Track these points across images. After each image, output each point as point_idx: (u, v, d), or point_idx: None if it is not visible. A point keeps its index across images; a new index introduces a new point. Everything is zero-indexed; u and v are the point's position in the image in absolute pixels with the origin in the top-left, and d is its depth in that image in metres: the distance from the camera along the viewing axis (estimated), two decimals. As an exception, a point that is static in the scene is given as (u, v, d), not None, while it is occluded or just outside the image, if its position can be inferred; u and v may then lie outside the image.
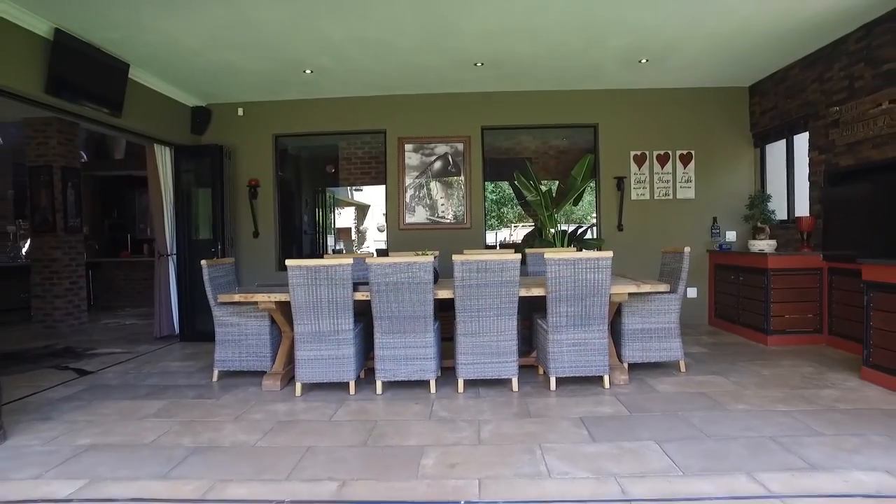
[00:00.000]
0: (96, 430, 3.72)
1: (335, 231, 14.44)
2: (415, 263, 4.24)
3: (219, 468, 3.05)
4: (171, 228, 7.17)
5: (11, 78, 4.48)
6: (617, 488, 2.67)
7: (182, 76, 6.38)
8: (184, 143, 7.19)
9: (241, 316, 4.92)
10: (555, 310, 4.26)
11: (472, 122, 7.09)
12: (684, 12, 4.78)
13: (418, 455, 3.15)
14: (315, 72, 6.23)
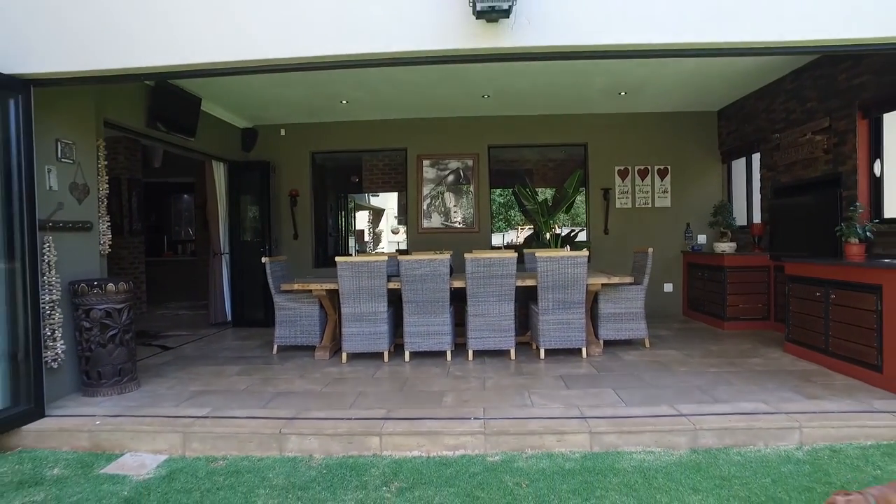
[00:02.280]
0: (200, 382, 5.02)
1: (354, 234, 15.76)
2: (435, 260, 5.52)
3: (298, 403, 4.32)
4: (224, 231, 8.48)
5: (125, 117, 5.81)
6: (577, 412, 3.93)
7: (238, 105, 7.70)
8: (235, 159, 8.50)
9: (296, 301, 6.20)
10: (544, 296, 5.53)
11: (480, 141, 8.36)
12: (648, 60, 6.02)
13: (440, 396, 4.42)
14: (349, 102, 7.52)
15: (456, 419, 3.86)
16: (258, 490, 3.19)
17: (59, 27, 3.97)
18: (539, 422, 3.77)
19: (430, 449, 3.66)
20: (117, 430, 3.92)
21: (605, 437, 3.64)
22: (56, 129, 4.62)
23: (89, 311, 4.62)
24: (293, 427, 3.82)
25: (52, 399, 4.34)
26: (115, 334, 4.70)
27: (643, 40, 3.66)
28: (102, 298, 4.64)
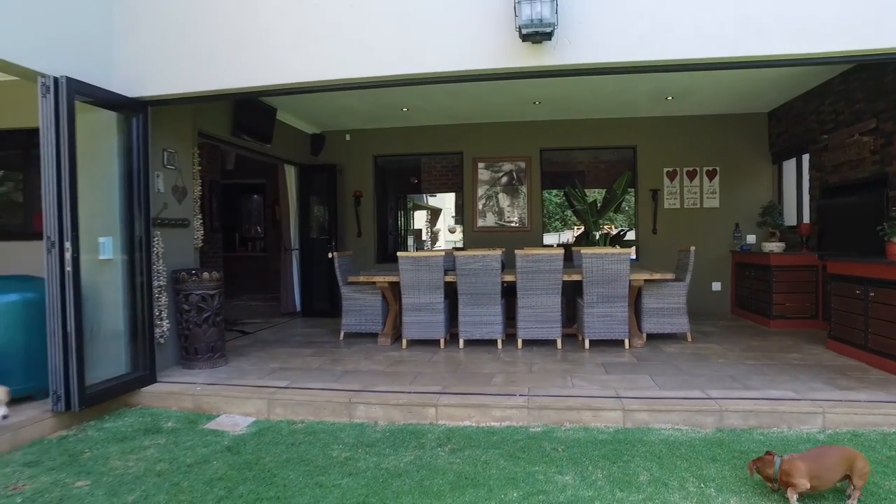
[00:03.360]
0: (278, 361, 5.71)
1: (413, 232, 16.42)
2: (488, 255, 6.03)
3: (365, 380, 4.92)
4: (294, 229, 9.26)
5: (215, 128, 6.60)
6: (614, 392, 4.34)
7: (309, 113, 8.44)
8: (305, 163, 9.27)
9: (361, 293, 6.82)
10: (588, 290, 5.93)
11: (533, 144, 8.79)
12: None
13: (490, 377, 4.93)
14: (409, 109, 8.12)
15: (503, 395, 4.36)
16: (333, 446, 3.78)
17: (168, 59, 4.72)
18: (577, 399, 4.21)
19: (479, 420, 4.17)
20: (214, 395, 4.63)
21: (637, 414, 4.05)
22: (163, 140, 5.40)
23: (188, 296, 5.38)
24: (361, 398, 4.42)
25: (160, 369, 5.11)
26: (208, 316, 5.45)
27: (674, 56, 4.03)
28: (198, 285, 5.40)
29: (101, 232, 4.66)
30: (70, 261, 4.09)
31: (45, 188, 4.09)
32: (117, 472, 3.40)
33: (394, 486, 3.12)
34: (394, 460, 3.50)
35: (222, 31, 4.63)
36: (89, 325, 4.39)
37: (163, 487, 3.17)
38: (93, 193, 4.50)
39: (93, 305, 4.47)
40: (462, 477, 3.23)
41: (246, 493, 3.08)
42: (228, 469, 3.41)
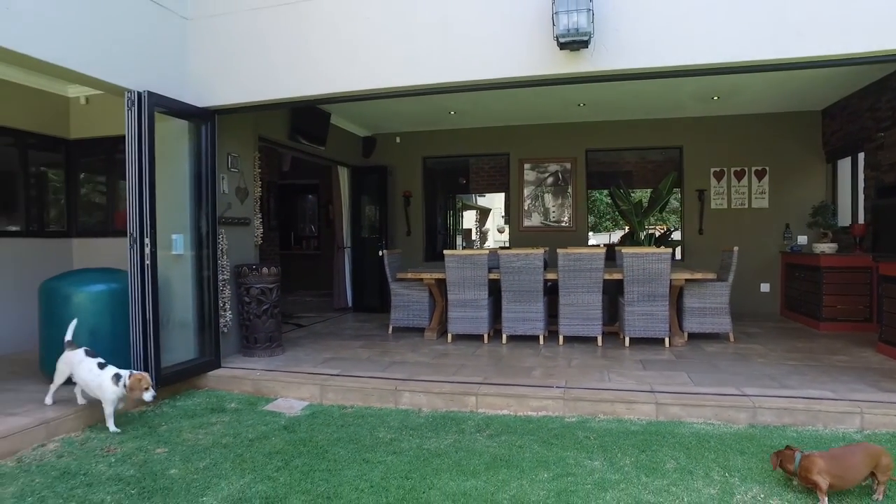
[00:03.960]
0: (330, 351, 6.09)
1: (462, 231, 16.72)
2: (530, 254, 6.23)
3: (410, 370, 5.22)
4: (347, 228, 9.69)
5: (273, 132, 7.06)
6: (648, 387, 4.48)
7: (361, 117, 8.84)
8: (356, 165, 9.68)
9: (409, 289, 7.14)
10: (629, 289, 6.05)
11: (578, 145, 8.91)
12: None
13: (530, 370, 5.14)
14: (456, 113, 8.39)
15: (541, 386, 4.57)
16: (379, 428, 4.10)
17: (233, 73, 5.16)
18: (612, 392, 4.38)
19: (517, 409, 4.40)
20: (272, 380, 5.03)
21: (670, 408, 4.18)
22: (227, 145, 5.85)
23: (249, 289, 5.83)
24: (406, 386, 4.72)
25: (223, 356, 5.56)
26: (267, 308, 5.88)
27: (711, 60, 4.14)
28: (258, 279, 5.83)
29: (174, 229, 5.13)
30: (149, 255, 4.57)
31: (129, 190, 4.57)
32: (189, 442, 3.81)
33: (433, 464, 3.39)
34: (435, 442, 3.78)
35: (279, 46, 5.02)
36: (163, 314, 4.86)
37: (228, 457, 3.55)
38: (167, 194, 4.96)
39: (166, 296, 4.94)
40: (497, 458, 3.47)
41: (301, 465, 3.42)
42: (285, 445, 3.77)
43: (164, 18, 4.99)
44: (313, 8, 4.94)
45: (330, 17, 4.91)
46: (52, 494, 3.04)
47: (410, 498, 2.96)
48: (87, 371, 3.95)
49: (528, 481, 3.14)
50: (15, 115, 6.30)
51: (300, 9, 4.97)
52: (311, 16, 4.95)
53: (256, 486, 3.13)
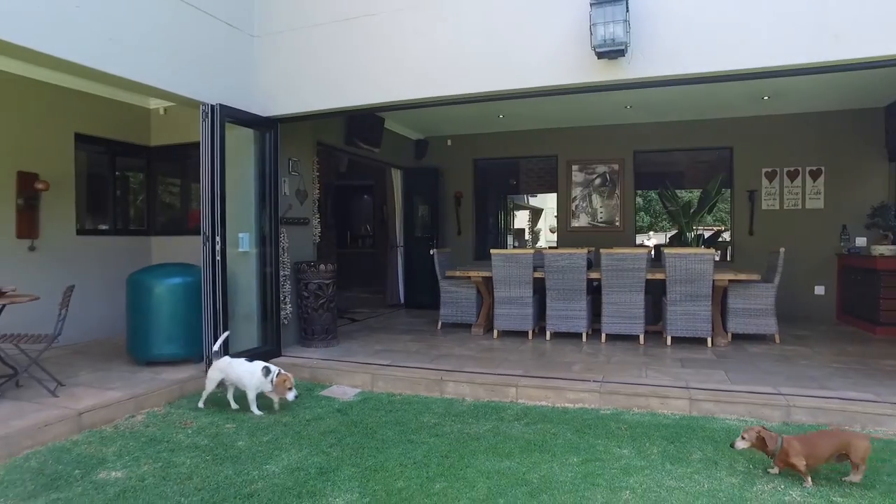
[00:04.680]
0: (382, 344, 6.48)
1: (513, 231, 16.91)
2: (574, 254, 6.43)
3: (456, 362, 5.52)
4: (400, 227, 10.10)
5: (331, 138, 7.53)
6: (684, 383, 4.62)
7: (413, 121, 9.22)
8: (409, 166, 10.07)
9: (457, 286, 7.45)
10: (671, 289, 6.15)
11: (626, 146, 8.98)
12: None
13: (570, 365, 5.35)
14: (505, 116, 8.64)
15: (578, 380, 4.79)
16: (425, 413, 4.42)
17: (294, 85, 5.62)
18: (647, 387, 4.55)
19: (555, 400, 4.64)
20: (327, 369, 5.45)
21: (703, 404, 4.32)
22: (289, 150, 6.33)
23: (307, 285, 6.28)
24: (451, 376, 5.03)
25: (284, 346, 6.03)
26: (323, 303, 6.32)
27: (748, 66, 4.24)
28: (316, 275, 6.28)
29: (241, 228, 5.63)
30: (219, 252, 5.07)
31: (202, 193, 5.08)
32: (254, 420, 4.25)
33: (471, 447, 3.69)
34: (475, 428, 4.07)
35: (336, 60, 5.43)
36: (231, 305, 5.36)
37: (288, 434, 3.96)
38: (234, 196, 5.45)
39: (233, 289, 5.44)
40: (531, 443, 3.73)
41: (351, 442, 3.79)
42: (338, 425, 4.15)
43: (234, 37, 5.49)
44: (366, 23, 5.32)
45: (381, 32, 5.27)
46: (143, 455, 3.52)
47: (448, 474, 3.27)
48: (239, 366, 4.41)
49: (558, 464, 3.39)
50: (106, 126, 7.00)
51: (354, 25, 5.36)
52: (364, 31, 5.33)
53: (312, 458, 3.52)
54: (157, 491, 3.06)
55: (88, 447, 3.68)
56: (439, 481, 3.17)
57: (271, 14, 5.72)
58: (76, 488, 3.09)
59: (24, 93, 6.09)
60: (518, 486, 3.09)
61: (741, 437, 3.25)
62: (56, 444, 3.72)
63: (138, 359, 5.33)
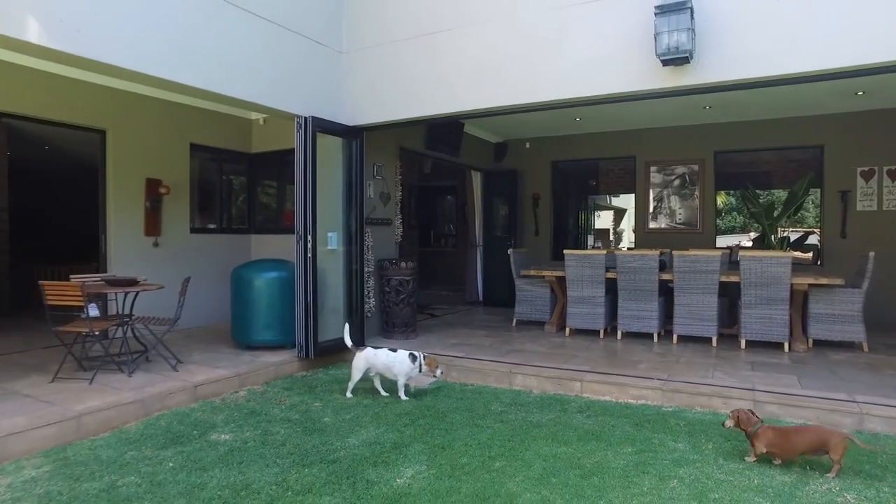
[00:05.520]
0: (457, 338, 6.85)
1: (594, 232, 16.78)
2: (646, 255, 6.51)
3: (526, 357, 5.79)
4: (479, 227, 10.45)
5: (412, 143, 8.00)
6: (750, 386, 4.65)
7: (492, 126, 9.53)
8: (489, 169, 10.40)
9: (532, 285, 7.70)
10: (746, 292, 6.10)
11: (706, 147, 8.83)
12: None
13: (637, 363, 5.49)
14: (582, 119, 8.76)
15: (643, 377, 4.94)
16: (493, 402, 4.75)
17: (378, 97, 6.12)
18: (710, 388, 4.63)
19: (618, 396, 4.82)
20: (406, 359, 5.88)
21: (767, 406, 4.34)
22: (373, 156, 6.84)
23: (389, 281, 6.77)
24: (520, 369, 5.33)
25: (367, 336, 6.55)
26: (404, 298, 6.79)
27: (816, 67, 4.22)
28: (397, 272, 6.76)
29: (329, 228, 6.19)
30: (311, 250, 5.64)
31: (296, 196, 5.68)
32: (338, 401, 4.76)
33: (533, 433, 3.97)
34: (538, 417, 4.35)
35: (417, 72, 5.86)
36: (320, 298, 5.92)
37: (367, 414, 4.42)
38: (324, 198, 6.01)
39: (322, 284, 6.00)
40: (589, 433, 3.96)
41: (423, 424, 4.18)
42: (413, 409, 4.56)
43: (324, 55, 6.06)
44: (444, 38, 5.71)
45: (458, 45, 5.64)
46: (246, 424, 4.11)
47: (508, 454, 3.58)
48: (385, 356, 4.89)
49: (612, 452, 3.61)
50: (215, 136, 7.86)
51: (433, 39, 5.76)
52: (441, 45, 5.73)
53: (388, 435, 3.94)
54: (258, 452, 3.60)
55: (202, 414, 4.32)
56: (499, 460, 3.49)
57: (357, 32, 6.24)
58: (195, 444, 3.70)
59: (151, 110, 6.99)
60: (571, 469, 3.35)
61: (728, 416, 3.62)
62: (178, 409, 4.40)
63: (240, 343, 6.02)
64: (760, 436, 3.43)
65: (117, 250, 6.70)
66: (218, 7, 4.88)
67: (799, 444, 3.36)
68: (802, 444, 3.35)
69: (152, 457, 3.53)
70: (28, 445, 3.55)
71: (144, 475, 3.26)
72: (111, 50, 4.08)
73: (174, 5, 4.51)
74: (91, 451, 3.61)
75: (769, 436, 3.41)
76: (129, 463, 3.43)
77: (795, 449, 3.37)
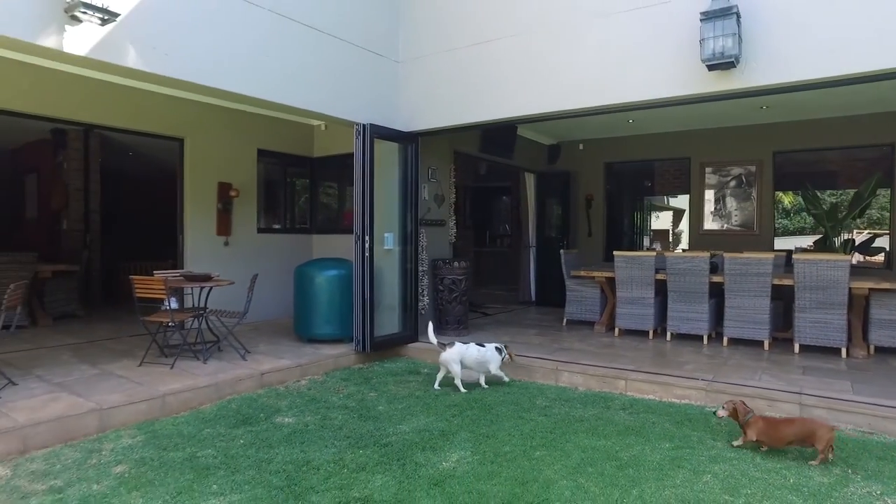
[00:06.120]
0: (508, 336, 7.05)
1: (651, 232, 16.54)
2: (696, 257, 6.52)
3: (573, 356, 5.93)
4: (533, 228, 10.60)
5: (466, 147, 8.26)
6: (797, 389, 4.65)
7: (546, 128, 9.66)
8: (542, 170, 10.53)
9: (582, 285, 7.81)
10: (800, 295, 6.02)
11: (764, 147, 8.65)
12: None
13: (683, 364, 5.54)
14: (635, 121, 8.78)
15: (687, 378, 5.01)
16: (538, 397, 4.94)
17: (431, 104, 6.40)
18: (754, 389, 4.65)
19: (661, 395, 4.91)
20: (457, 354, 6.15)
21: (814, 410, 4.33)
22: (428, 160, 7.14)
23: (442, 280, 7.06)
24: (566, 367, 5.49)
25: (420, 333, 6.85)
26: (456, 296, 7.05)
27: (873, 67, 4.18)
28: (451, 271, 7.03)
29: (386, 229, 6.53)
30: (368, 249, 5.99)
31: (355, 198, 6.05)
32: (392, 392, 5.07)
33: (574, 427, 4.15)
34: (581, 412, 4.52)
35: (469, 79, 6.11)
36: (377, 295, 6.27)
37: (418, 404, 4.71)
38: (381, 201, 6.35)
39: (379, 282, 6.34)
40: (629, 429, 4.11)
41: (471, 414, 4.43)
42: (461, 401, 4.82)
43: (381, 65, 6.40)
44: (496, 47, 5.93)
45: (511, 53, 5.84)
46: (307, 409, 4.48)
47: (549, 445, 3.78)
48: (476, 351, 5.25)
49: (650, 447, 3.75)
50: (279, 141, 8.38)
51: (485, 49, 5.99)
52: (493, 53, 5.95)
53: (436, 423, 4.22)
54: (318, 434, 3.95)
55: (268, 399, 4.73)
56: (540, 450, 3.70)
57: (413, 42, 6.55)
58: (262, 425, 4.10)
59: (223, 119, 7.56)
60: (608, 461, 3.52)
61: (722, 407, 3.84)
62: (246, 394, 4.84)
63: (302, 336, 6.44)
64: (752, 424, 3.68)
65: (192, 248, 7.30)
66: (282, 24, 5.27)
67: (787, 433, 3.62)
68: (790, 434, 3.61)
69: (225, 434, 3.94)
70: (124, 418, 4.06)
71: (219, 449, 3.67)
72: (192, 69, 4.55)
73: (244, 27, 4.94)
74: (174, 426, 4.07)
75: (760, 425, 3.67)
76: (206, 438, 3.85)
77: (784, 438, 3.62)
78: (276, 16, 5.20)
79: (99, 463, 3.44)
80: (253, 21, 5.01)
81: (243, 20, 4.92)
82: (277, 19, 5.23)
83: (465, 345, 5.22)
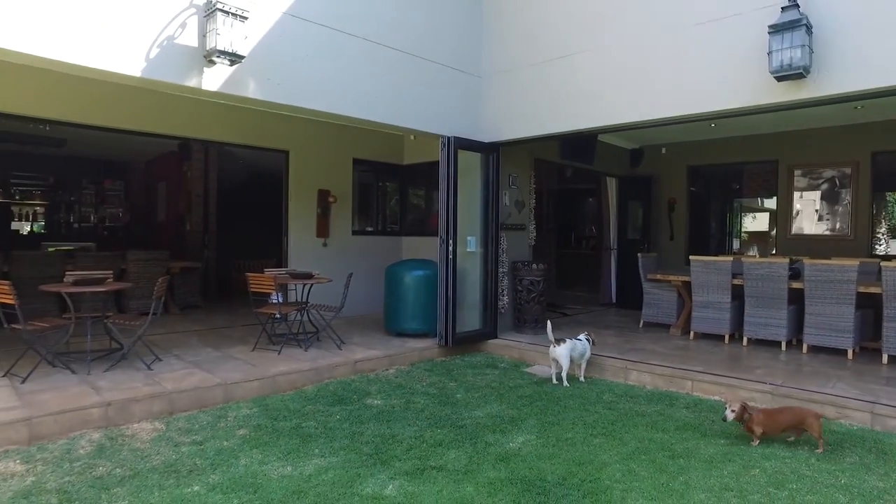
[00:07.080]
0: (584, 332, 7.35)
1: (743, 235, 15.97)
2: (774, 263, 6.52)
3: (644, 356, 6.15)
4: (614, 231, 10.74)
5: (547, 154, 8.61)
6: (872, 398, 4.65)
7: (629, 134, 9.77)
8: (624, 175, 10.64)
9: (659, 289, 7.94)
10: (888, 304, 5.89)
11: (861, 147, 8.33)
12: None
13: (754, 368, 5.63)
14: (717, 125, 8.73)
15: (754, 381, 5.14)
16: (605, 393, 5.27)
17: (512, 116, 6.84)
18: (825, 396, 4.71)
19: (726, 397, 5.06)
20: (533, 351, 6.57)
21: (889, 420, 4.35)
22: (508, 168, 7.58)
23: (521, 281, 7.47)
24: (635, 366, 5.76)
25: (499, 330, 7.32)
26: (534, 297, 7.45)
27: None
28: (529, 273, 7.43)
29: (468, 233, 7.04)
30: (452, 252, 6.54)
31: (440, 204, 6.61)
32: (470, 382, 5.58)
33: (635, 420, 4.46)
34: (644, 408, 4.80)
35: (548, 92, 6.49)
36: (459, 294, 6.80)
37: (493, 394, 5.18)
38: (464, 206, 6.86)
39: (461, 282, 6.87)
40: (688, 424, 4.36)
41: (539, 405, 4.85)
42: (532, 392, 5.24)
43: (465, 81, 6.92)
44: (576, 61, 6.26)
45: (588, 67, 6.16)
46: (393, 394, 5.10)
47: (609, 434, 4.13)
48: (581, 345, 5.77)
49: (704, 442, 4.00)
50: (373, 151, 9.14)
51: (566, 62, 6.34)
52: (573, 67, 6.29)
53: (507, 411, 4.67)
54: (402, 415, 4.53)
55: (360, 384, 5.39)
56: (599, 438, 4.06)
57: (494, 58, 7.02)
58: (355, 405, 4.74)
59: (322, 132, 8.38)
60: (662, 451, 3.82)
61: (730, 411, 3.99)
62: (342, 379, 5.53)
63: (391, 330, 7.10)
64: (754, 419, 3.97)
65: (295, 249, 8.17)
66: (375, 51, 5.91)
67: (781, 421, 3.99)
68: (784, 422, 3.98)
69: (324, 410, 4.61)
70: (243, 393, 4.85)
71: (319, 422, 4.33)
72: (299, 95, 5.28)
73: (343, 56, 5.62)
74: (282, 402, 4.80)
75: (760, 417, 3.98)
76: (309, 413, 4.54)
77: (779, 426, 3.99)
78: (371, 43, 5.85)
79: (226, 426, 4.20)
80: (351, 50, 5.68)
81: (343, 50, 5.60)
82: (372, 46, 5.88)
83: (573, 340, 5.67)
